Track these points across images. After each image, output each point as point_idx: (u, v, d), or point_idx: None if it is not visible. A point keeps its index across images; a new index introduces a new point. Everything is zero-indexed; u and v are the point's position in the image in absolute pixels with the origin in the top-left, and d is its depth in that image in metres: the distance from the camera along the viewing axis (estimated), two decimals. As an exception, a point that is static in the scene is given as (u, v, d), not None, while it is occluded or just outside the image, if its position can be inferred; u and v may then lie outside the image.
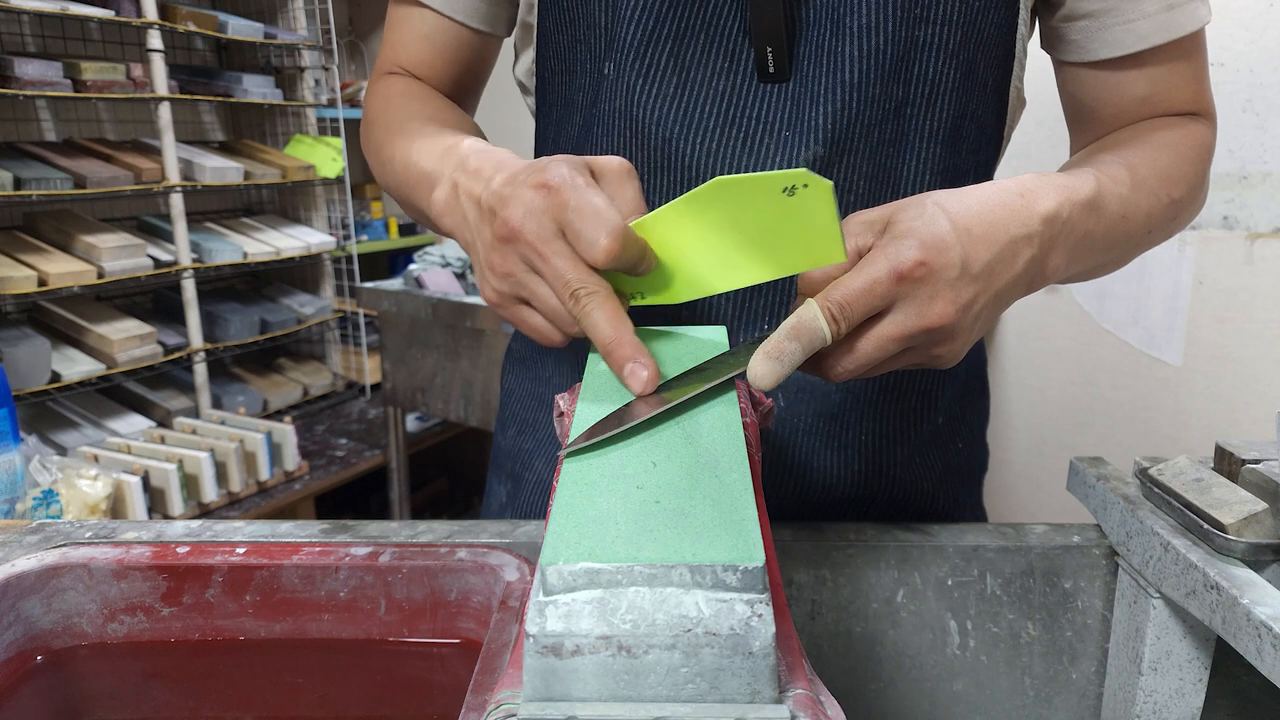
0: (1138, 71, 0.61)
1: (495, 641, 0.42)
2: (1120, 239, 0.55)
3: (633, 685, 0.27)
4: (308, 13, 2.73)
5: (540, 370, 0.71)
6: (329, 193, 2.83)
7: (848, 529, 0.61)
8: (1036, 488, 2.00)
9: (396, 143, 0.62)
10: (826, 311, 0.42)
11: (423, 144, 0.59)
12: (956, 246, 0.43)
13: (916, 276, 0.42)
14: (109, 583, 0.52)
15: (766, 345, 0.42)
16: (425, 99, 0.67)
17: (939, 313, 0.43)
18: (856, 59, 0.55)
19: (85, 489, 1.65)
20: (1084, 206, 0.50)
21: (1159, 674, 0.51)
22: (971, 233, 0.44)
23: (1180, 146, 0.60)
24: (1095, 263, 0.56)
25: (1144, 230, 0.57)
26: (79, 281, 2.05)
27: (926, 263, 0.42)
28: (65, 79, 2.06)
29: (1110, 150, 0.60)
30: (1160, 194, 0.57)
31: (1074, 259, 0.51)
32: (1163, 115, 0.63)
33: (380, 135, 0.65)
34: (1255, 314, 1.61)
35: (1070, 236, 0.49)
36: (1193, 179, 0.60)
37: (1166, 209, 0.58)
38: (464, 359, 2.07)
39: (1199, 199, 0.63)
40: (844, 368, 0.45)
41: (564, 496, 0.32)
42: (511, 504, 0.74)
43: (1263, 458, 0.50)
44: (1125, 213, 0.54)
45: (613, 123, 0.60)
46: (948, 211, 0.44)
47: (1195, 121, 0.63)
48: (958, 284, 0.43)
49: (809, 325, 0.42)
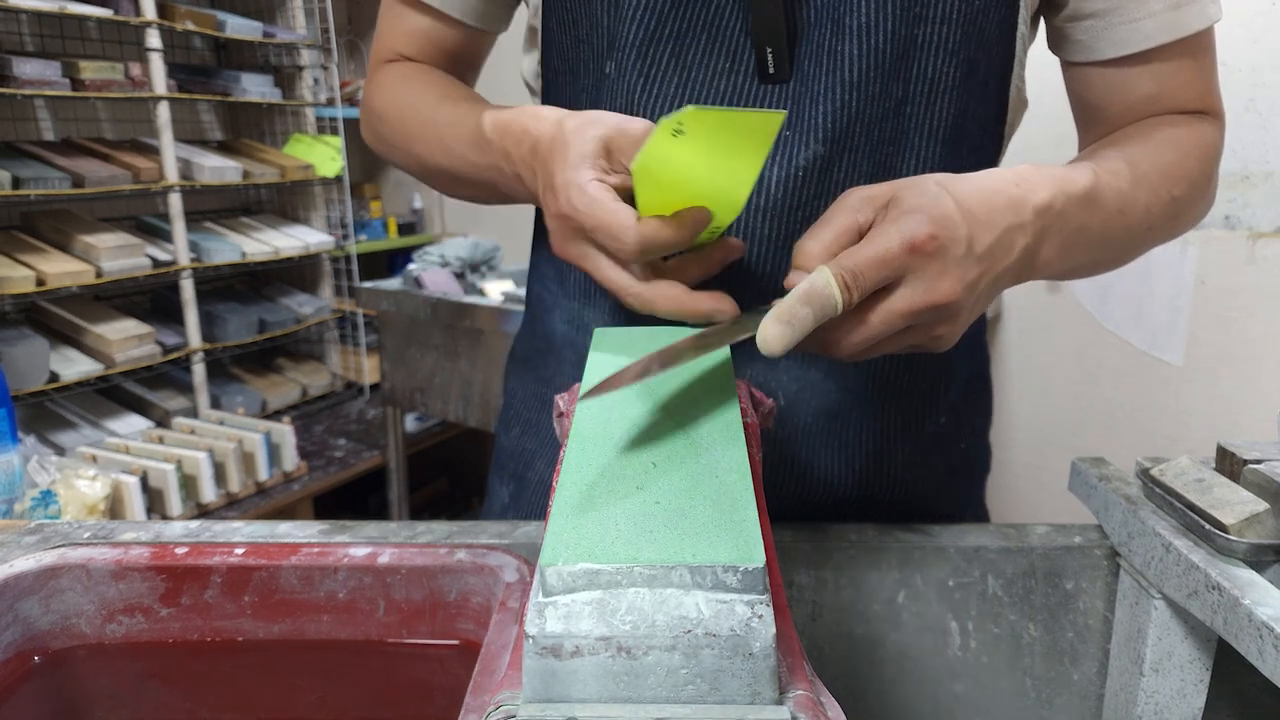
0: (1144, 70, 0.61)
1: (494, 642, 0.42)
2: (1118, 234, 0.55)
3: (632, 686, 0.26)
4: (306, 12, 2.73)
5: (543, 371, 0.71)
6: (328, 192, 2.83)
7: (848, 530, 0.61)
8: (1038, 488, 2.00)
9: (429, 135, 0.63)
10: (840, 279, 0.42)
11: (451, 131, 0.61)
12: (963, 225, 0.44)
13: (929, 250, 0.42)
14: (107, 583, 0.51)
15: (778, 309, 0.41)
16: (427, 76, 0.68)
17: (947, 289, 0.43)
18: (856, 58, 0.55)
19: (84, 489, 1.65)
20: (1079, 199, 0.50)
21: (1160, 675, 0.51)
22: (974, 214, 0.44)
23: (1184, 144, 0.60)
24: (1090, 258, 0.55)
25: (1143, 227, 0.56)
26: (77, 281, 2.05)
27: (938, 237, 0.42)
28: (64, 78, 2.06)
29: (1112, 145, 0.59)
30: (1161, 190, 0.57)
31: (1066, 252, 0.51)
32: (1170, 113, 0.63)
33: (400, 130, 0.66)
34: (1257, 314, 1.61)
35: (1063, 229, 0.49)
36: (1196, 177, 0.60)
37: (1167, 206, 0.57)
38: (463, 359, 2.07)
39: (1204, 198, 0.63)
40: (852, 341, 0.44)
41: (564, 497, 0.32)
42: (514, 505, 0.74)
43: (1264, 458, 0.49)
44: (1123, 208, 0.54)
45: None
46: (951, 192, 0.44)
47: (1202, 120, 0.63)
48: (964, 262, 0.44)
49: (821, 291, 0.41)
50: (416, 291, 2.12)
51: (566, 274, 0.67)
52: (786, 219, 0.58)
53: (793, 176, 0.57)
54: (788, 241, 0.58)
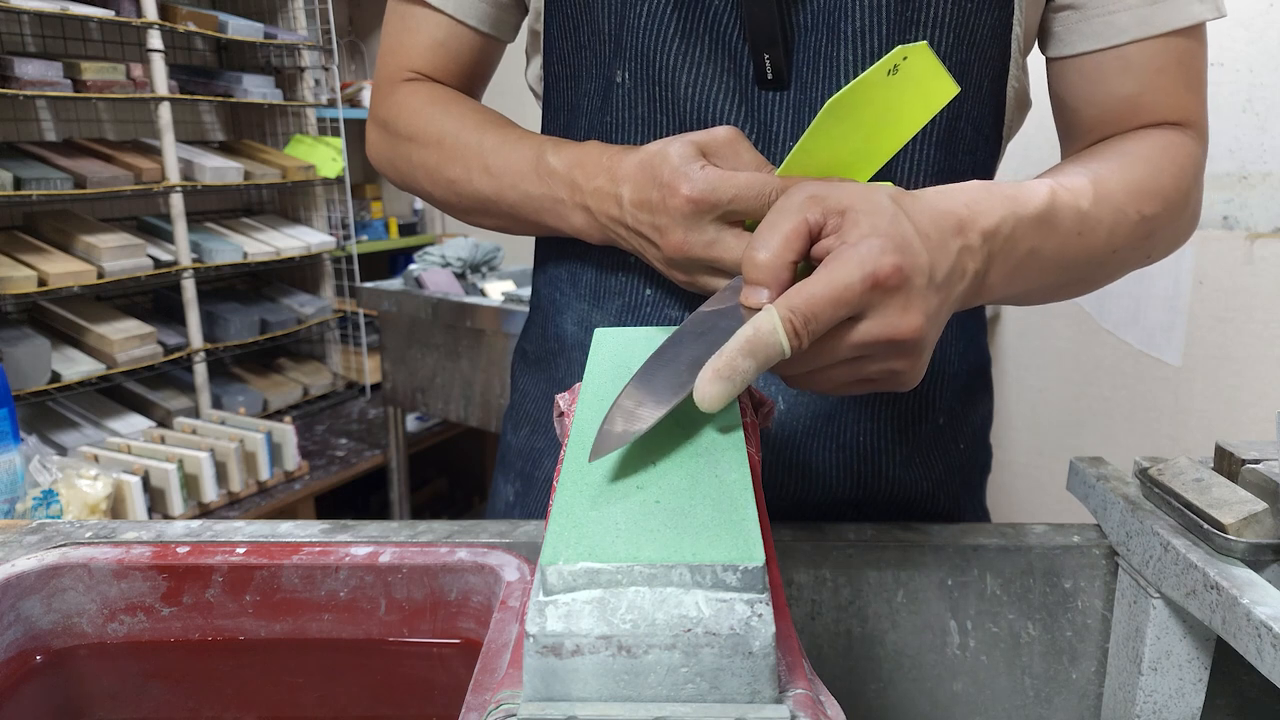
0: (1121, 69, 0.59)
1: (495, 641, 0.42)
2: (1076, 257, 0.52)
3: (633, 685, 0.26)
4: (308, 13, 2.73)
5: (553, 371, 0.71)
6: (329, 192, 2.83)
7: (848, 529, 0.61)
8: (1036, 488, 2.00)
9: (470, 161, 0.62)
10: (788, 324, 0.37)
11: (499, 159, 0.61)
12: (924, 252, 0.40)
13: (892, 284, 0.38)
14: (109, 583, 0.52)
15: (717, 362, 0.36)
16: (459, 99, 0.68)
17: (910, 323, 0.39)
18: (852, 63, 0.55)
19: (85, 489, 1.65)
20: (1031, 221, 0.47)
21: (1159, 674, 0.51)
22: (930, 239, 0.41)
23: (1158, 159, 0.57)
24: (1048, 282, 0.52)
25: (1107, 249, 0.53)
26: (79, 281, 2.05)
27: (902, 268, 0.38)
28: (65, 79, 2.06)
29: (1077, 162, 0.57)
30: (1129, 210, 0.54)
31: (1016, 277, 0.48)
32: (1147, 124, 0.60)
33: (434, 153, 0.65)
34: (1255, 314, 1.61)
35: (1013, 253, 0.47)
36: (1171, 194, 0.57)
37: (1136, 226, 0.54)
38: (464, 359, 2.07)
39: (1182, 217, 0.59)
40: (801, 377, 0.42)
41: (564, 496, 0.32)
42: (520, 503, 0.74)
43: (1263, 457, 0.49)
44: (1082, 229, 0.51)
45: (633, 129, 0.60)
46: (907, 212, 0.41)
47: (1180, 133, 0.60)
48: (926, 292, 0.40)
49: (765, 340, 0.37)
50: (417, 292, 2.12)
51: (578, 276, 0.67)
52: None
53: None
54: None
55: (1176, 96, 0.60)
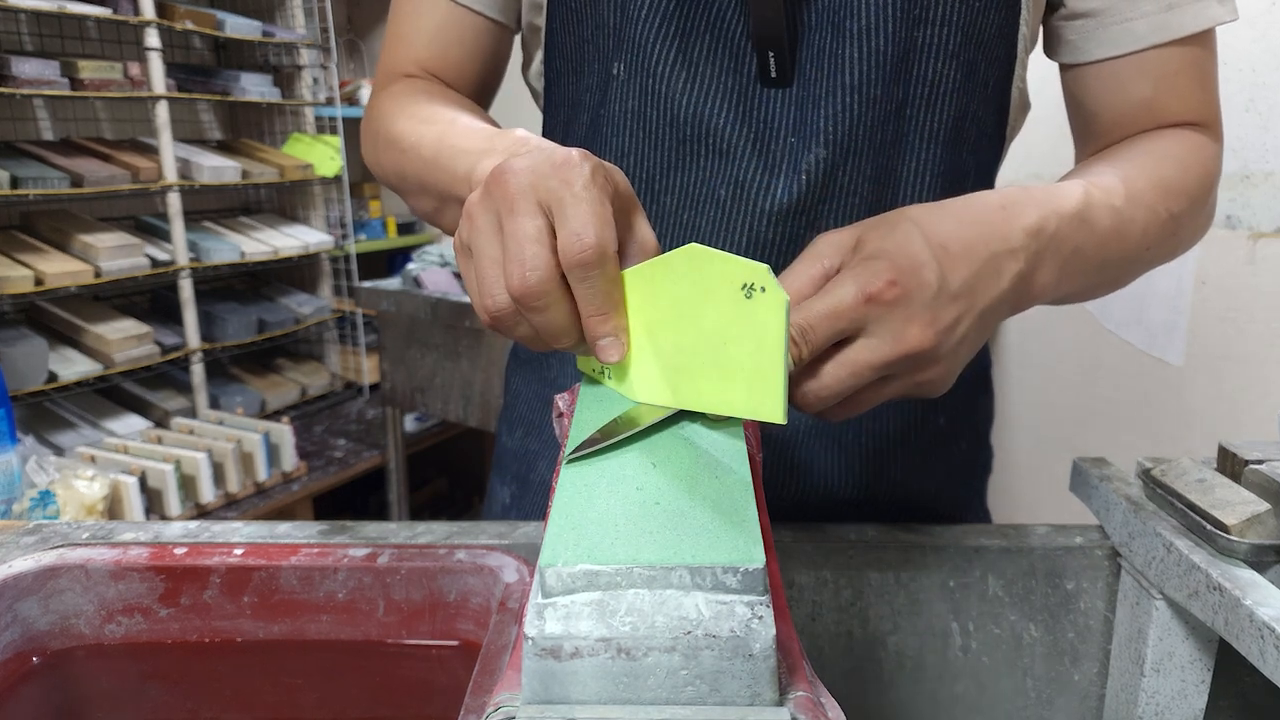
0: (1139, 74, 0.60)
1: (494, 643, 0.42)
2: (1115, 256, 0.53)
3: (632, 688, 0.26)
4: (306, 11, 2.72)
5: (546, 372, 0.71)
6: (327, 192, 2.83)
7: (849, 530, 0.61)
8: (1038, 488, 2.00)
9: (421, 129, 0.57)
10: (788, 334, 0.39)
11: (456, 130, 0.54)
12: (932, 265, 0.41)
13: (888, 299, 0.40)
14: (106, 584, 0.51)
15: None
16: (447, 95, 0.65)
17: (916, 336, 0.41)
18: (857, 61, 0.55)
19: (82, 489, 1.64)
20: (1071, 219, 0.48)
21: (1161, 675, 0.51)
22: (949, 250, 0.42)
23: (1184, 159, 0.58)
24: (1088, 282, 0.53)
25: (1141, 247, 0.54)
26: (76, 281, 2.04)
27: (898, 283, 0.40)
28: (62, 78, 2.06)
29: (1104, 161, 0.58)
30: (1159, 208, 0.55)
31: (1065, 275, 0.49)
32: (1165, 124, 0.61)
33: (397, 155, 0.59)
34: (1257, 314, 1.61)
35: (1060, 251, 0.48)
36: (1196, 193, 0.58)
37: (1165, 224, 0.55)
38: (463, 359, 2.07)
39: (1202, 215, 0.60)
40: (813, 394, 0.42)
41: (563, 498, 0.32)
42: (516, 506, 0.74)
43: (1266, 458, 0.49)
44: (1119, 227, 0.52)
45: (623, 122, 0.59)
46: (923, 228, 0.42)
47: (1199, 133, 0.61)
48: (935, 305, 0.41)
49: None
50: (416, 291, 2.12)
51: None
52: (793, 224, 0.58)
53: (798, 182, 0.56)
54: (795, 247, 0.58)
55: (1192, 97, 0.61)
